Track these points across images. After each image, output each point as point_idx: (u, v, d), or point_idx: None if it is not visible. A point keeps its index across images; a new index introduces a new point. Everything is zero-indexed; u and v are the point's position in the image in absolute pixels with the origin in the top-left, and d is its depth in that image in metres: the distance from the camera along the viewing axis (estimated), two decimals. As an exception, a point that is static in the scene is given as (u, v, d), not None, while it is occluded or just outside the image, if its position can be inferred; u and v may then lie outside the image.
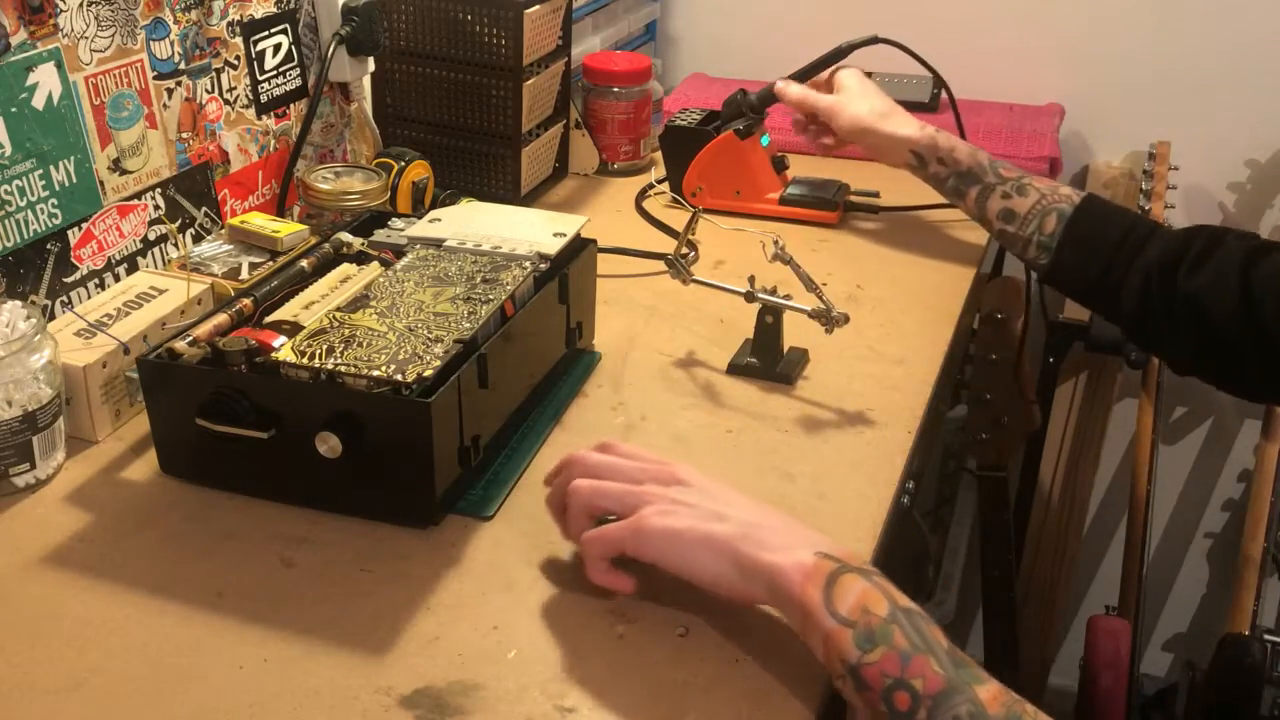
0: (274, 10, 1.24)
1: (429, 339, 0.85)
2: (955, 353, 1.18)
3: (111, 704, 0.69)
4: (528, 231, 1.03)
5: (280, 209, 1.26)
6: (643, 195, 1.46)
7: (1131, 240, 1.08)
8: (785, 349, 1.06)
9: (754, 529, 0.70)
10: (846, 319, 1.00)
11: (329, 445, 0.80)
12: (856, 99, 1.28)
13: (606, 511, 0.76)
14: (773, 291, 1.03)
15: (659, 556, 0.72)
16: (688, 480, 0.76)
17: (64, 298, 1.04)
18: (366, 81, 1.39)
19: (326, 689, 0.70)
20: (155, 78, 1.10)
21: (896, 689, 0.62)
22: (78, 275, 1.05)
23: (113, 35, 1.04)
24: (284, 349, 0.83)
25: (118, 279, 1.08)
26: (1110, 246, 1.08)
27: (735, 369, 1.06)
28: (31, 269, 1.00)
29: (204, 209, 1.18)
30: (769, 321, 1.05)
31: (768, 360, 1.05)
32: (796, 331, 1.07)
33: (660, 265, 1.26)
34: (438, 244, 1.01)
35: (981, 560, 1.52)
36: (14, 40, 0.95)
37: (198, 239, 1.17)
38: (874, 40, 1.32)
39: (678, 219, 1.37)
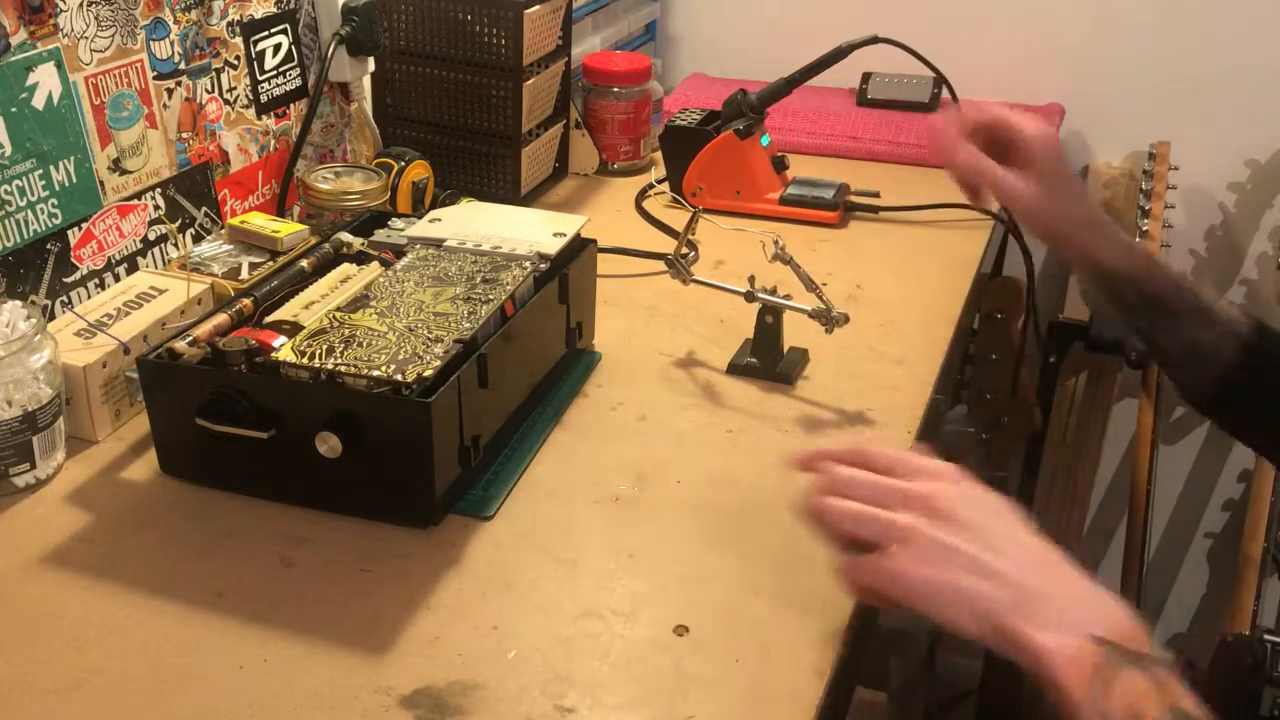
0: (274, 10, 1.24)
1: (429, 339, 0.85)
2: (955, 353, 1.18)
3: (111, 704, 0.69)
4: (528, 231, 1.03)
5: (280, 209, 1.26)
6: (643, 195, 1.46)
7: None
8: (785, 349, 1.06)
9: (1027, 597, 0.61)
10: (846, 319, 1.00)
11: (329, 445, 0.80)
12: (1056, 182, 0.97)
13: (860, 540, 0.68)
14: (773, 291, 1.03)
15: (912, 602, 0.64)
16: (955, 515, 0.65)
17: (64, 298, 1.04)
18: (366, 81, 1.39)
19: (326, 689, 0.70)
20: (155, 78, 1.10)
21: None
22: (78, 275, 1.05)
23: (113, 35, 1.04)
24: (284, 349, 0.83)
25: (118, 279, 1.08)
26: None
27: (735, 369, 1.06)
28: (31, 269, 1.00)
29: (204, 209, 1.18)
30: (769, 321, 1.05)
31: (768, 360, 1.05)
32: (796, 331, 1.07)
33: (660, 265, 1.26)
34: (438, 244, 1.01)
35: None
36: (14, 40, 0.95)
37: (198, 239, 1.17)
38: (874, 40, 1.32)
39: (678, 219, 1.37)
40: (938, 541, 0.64)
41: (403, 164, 1.26)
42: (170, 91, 1.12)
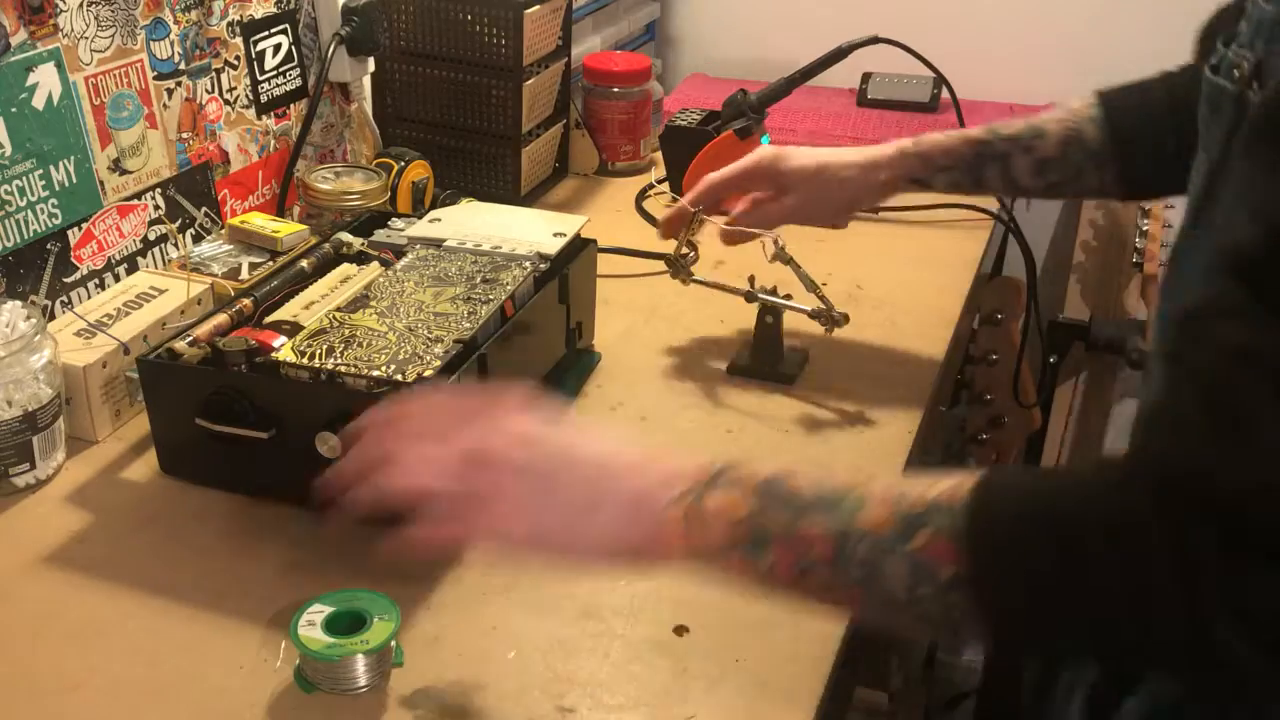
0: (274, 10, 1.24)
1: (429, 339, 0.85)
2: (955, 353, 1.18)
3: (111, 704, 0.69)
4: (528, 231, 1.03)
5: (280, 209, 1.26)
6: (643, 195, 1.46)
7: (1177, 93, 0.92)
8: (785, 349, 1.06)
9: (583, 524, 0.62)
10: (846, 319, 1.00)
11: (329, 445, 0.80)
12: (805, 183, 1.05)
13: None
14: (772, 291, 1.03)
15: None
16: (493, 463, 0.64)
17: (64, 298, 1.03)
18: (366, 81, 1.39)
19: (326, 689, 0.70)
20: (155, 78, 1.10)
21: (805, 573, 0.57)
22: (78, 275, 1.05)
23: (113, 35, 1.04)
24: (284, 349, 0.83)
25: (118, 279, 1.08)
26: (1161, 108, 0.94)
27: (735, 369, 1.06)
28: (31, 269, 1.00)
29: (204, 209, 1.18)
30: (769, 321, 1.05)
31: (768, 360, 1.05)
32: (797, 331, 1.07)
33: (660, 265, 1.26)
34: (438, 244, 1.01)
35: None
36: (14, 40, 0.95)
37: (198, 239, 1.17)
38: (874, 40, 1.31)
39: (678, 219, 1.37)
40: (490, 506, 0.63)
41: (403, 164, 1.26)
42: (170, 91, 1.12)
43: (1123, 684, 0.69)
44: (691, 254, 1.09)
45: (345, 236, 1.03)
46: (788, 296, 1.03)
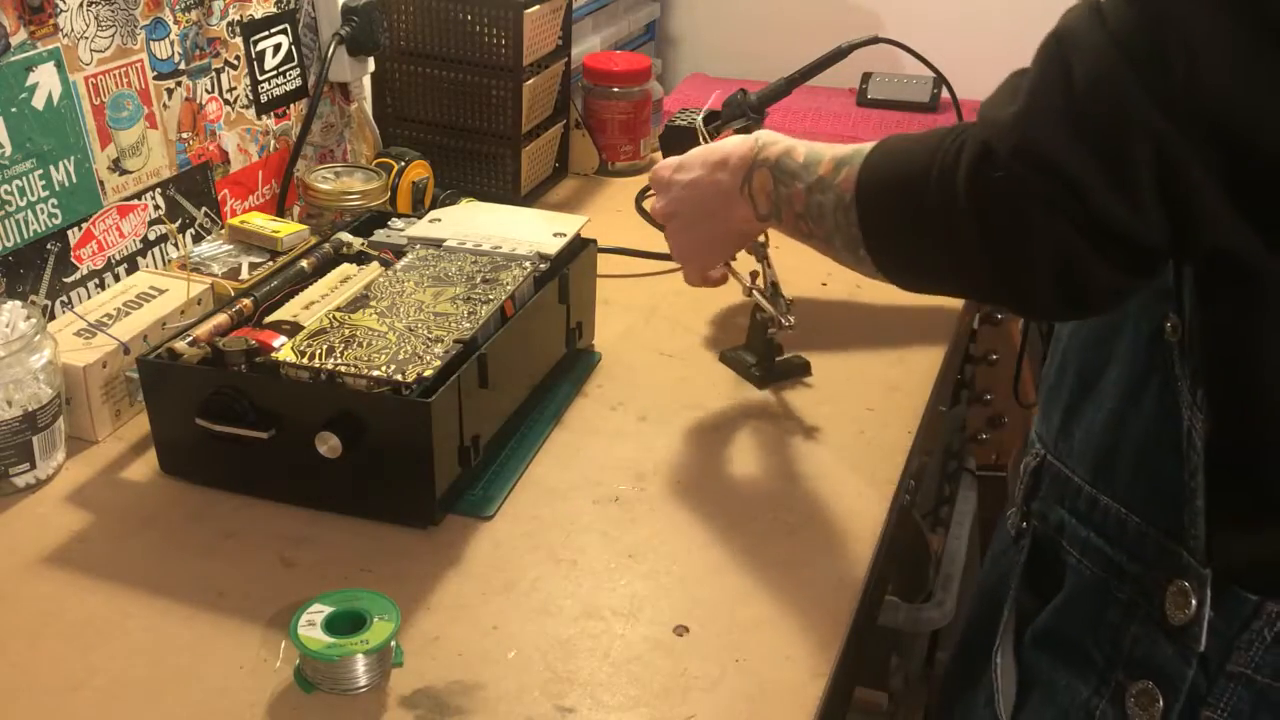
0: (274, 10, 1.24)
1: (429, 339, 0.85)
2: (955, 353, 1.18)
3: (112, 704, 0.69)
4: (528, 231, 1.03)
5: (280, 209, 1.26)
6: (643, 195, 1.46)
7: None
8: (785, 353, 1.06)
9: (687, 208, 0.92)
10: (790, 326, 1.01)
11: (329, 445, 0.80)
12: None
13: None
14: (772, 289, 1.03)
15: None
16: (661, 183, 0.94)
17: (64, 298, 1.03)
18: (366, 81, 1.39)
19: (326, 689, 0.70)
20: (155, 78, 1.10)
21: (798, 220, 0.80)
22: (78, 275, 1.05)
23: (113, 35, 1.04)
24: (284, 349, 0.83)
25: (118, 279, 1.08)
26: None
27: (729, 362, 1.06)
28: (31, 269, 1.00)
29: (204, 209, 1.18)
30: (759, 318, 1.04)
31: (761, 356, 1.05)
32: (798, 330, 1.06)
33: (660, 265, 1.26)
34: (438, 244, 1.01)
35: (981, 560, 1.52)
36: (14, 40, 0.95)
37: (198, 239, 1.17)
38: (875, 40, 1.31)
39: (678, 219, 1.37)
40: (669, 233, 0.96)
41: (403, 164, 1.26)
42: (170, 91, 1.12)
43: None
44: None
45: (345, 236, 1.03)
46: (792, 303, 1.03)
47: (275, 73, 1.25)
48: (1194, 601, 0.66)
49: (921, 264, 0.71)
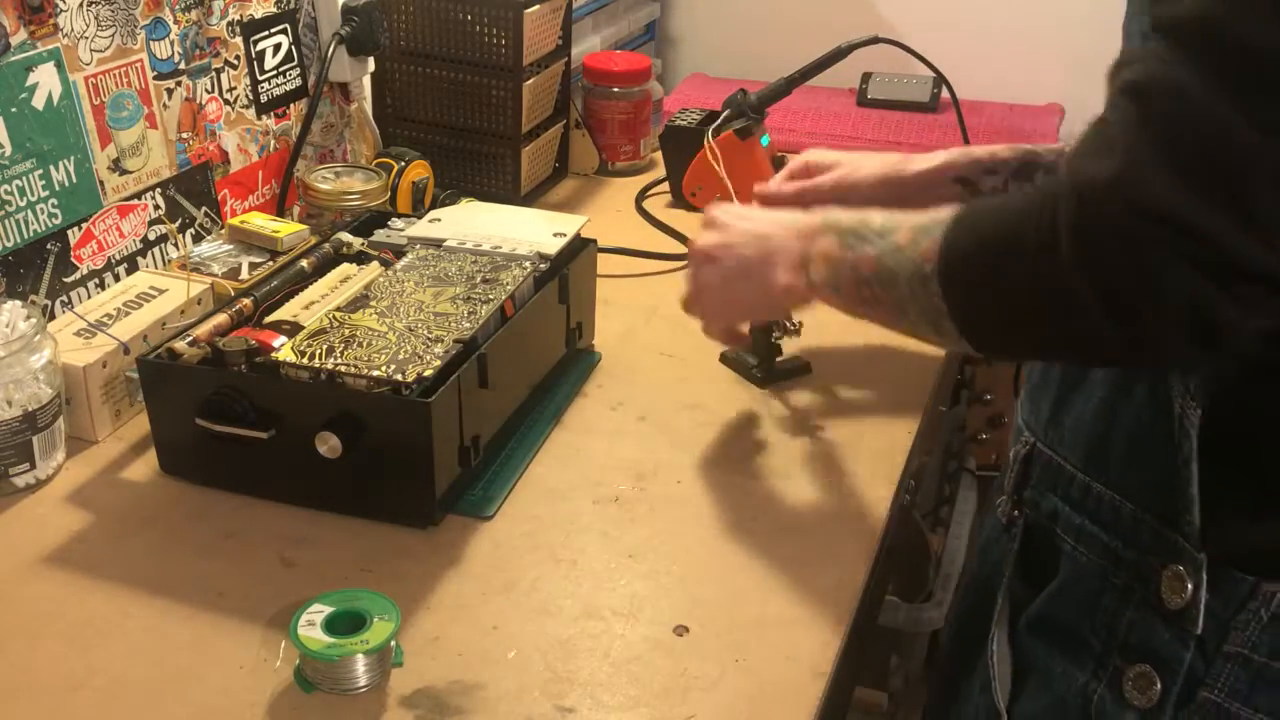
0: (274, 10, 1.24)
1: (429, 339, 0.85)
2: (955, 353, 1.18)
3: (111, 704, 0.69)
4: (528, 231, 1.03)
5: (280, 209, 1.26)
6: (643, 195, 1.46)
7: None
8: (786, 355, 1.06)
9: (737, 275, 0.85)
10: (798, 329, 1.02)
11: (329, 445, 0.80)
12: (861, 159, 1.05)
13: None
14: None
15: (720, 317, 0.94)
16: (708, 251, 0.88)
17: (64, 298, 1.03)
18: (366, 81, 1.39)
19: (326, 689, 0.70)
20: (155, 78, 1.10)
21: (861, 286, 0.75)
22: (78, 275, 1.05)
23: (113, 35, 1.04)
24: (284, 349, 0.83)
25: (118, 279, 1.08)
26: None
27: (730, 363, 1.06)
28: (31, 269, 1.00)
29: (204, 209, 1.18)
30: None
31: (763, 358, 1.05)
32: (808, 334, 1.06)
33: (660, 265, 1.27)
34: (438, 244, 1.01)
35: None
36: (14, 40, 0.95)
37: (198, 239, 1.17)
38: (874, 40, 1.31)
39: (678, 219, 1.37)
40: (699, 286, 0.89)
41: (403, 164, 1.26)
42: (170, 91, 1.12)
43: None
44: None
45: (345, 236, 1.03)
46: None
47: (275, 73, 1.25)
48: (1190, 586, 0.66)
49: (1023, 333, 0.67)
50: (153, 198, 1.12)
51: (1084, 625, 0.73)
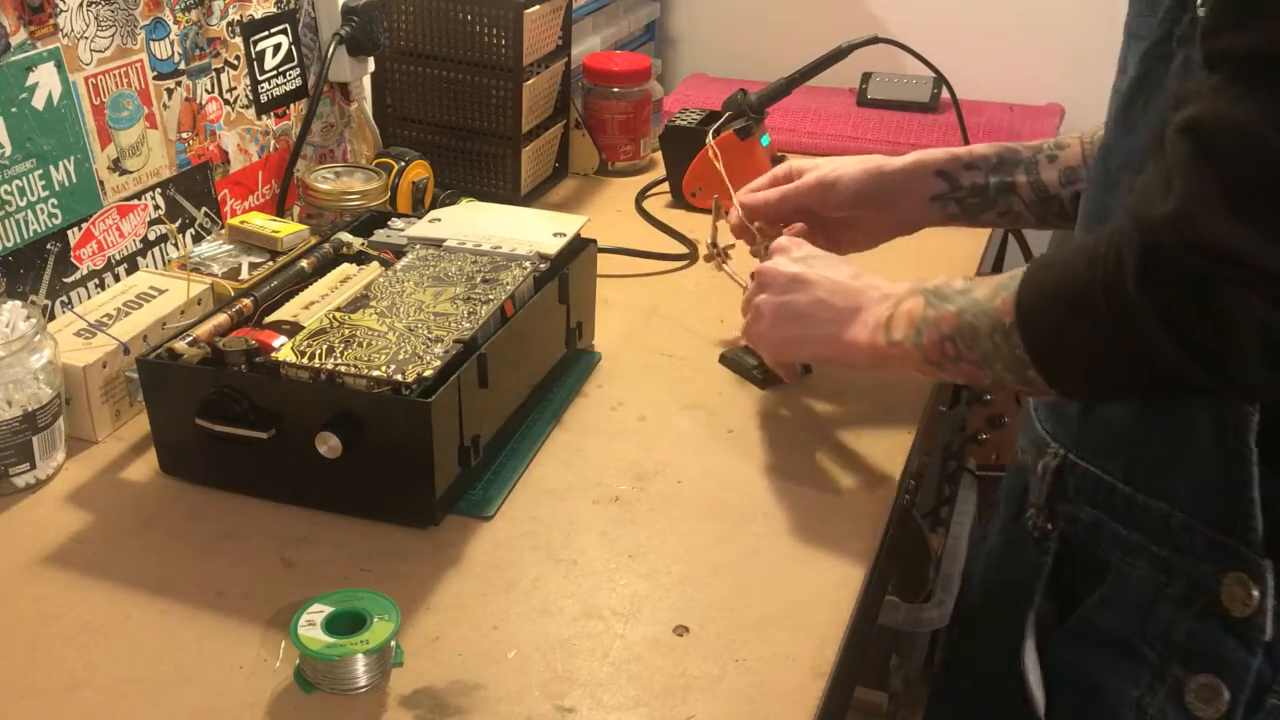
0: (274, 10, 1.24)
1: (429, 339, 0.85)
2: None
3: (111, 704, 0.69)
4: (528, 231, 1.03)
5: (280, 209, 1.26)
6: (643, 195, 1.46)
7: None
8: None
9: (831, 322, 0.85)
10: None
11: (329, 445, 0.80)
12: (839, 163, 1.03)
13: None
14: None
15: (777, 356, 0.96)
16: (773, 283, 0.89)
17: (64, 298, 1.03)
18: (366, 81, 1.39)
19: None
20: (155, 78, 1.10)
21: (943, 343, 0.75)
22: (78, 275, 1.05)
23: (113, 35, 1.04)
24: (284, 349, 0.83)
25: (118, 279, 1.08)
26: None
27: (730, 363, 1.06)
28: (31, 269, 1.00)
29: (204, 209, 1.18)
30: None
31: (754, 357, 1.05)
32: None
33: (660, 265, 1.27)
34: (438, 244, 1.01)
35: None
36: (14, 40, 0.95)
37: (198, 239, 1.17)
38: (874, 40, 1.32)
39: (678, 219, 1.37)
40: (764, 312, 0.89)
41: (403, 164, 1.26)
42: (170, 91, 1.12)
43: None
44: (734, 245, 1.10)
45: (345, 236, 1.03)
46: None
47: (275, 73, 1.25)
48: (1255, 593, 0.66)
49: (1107, 379, 0.68)
50: (153, 198, 1.12)
51: (1136, 637, 0.72)
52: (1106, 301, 0.63)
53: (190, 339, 0.86)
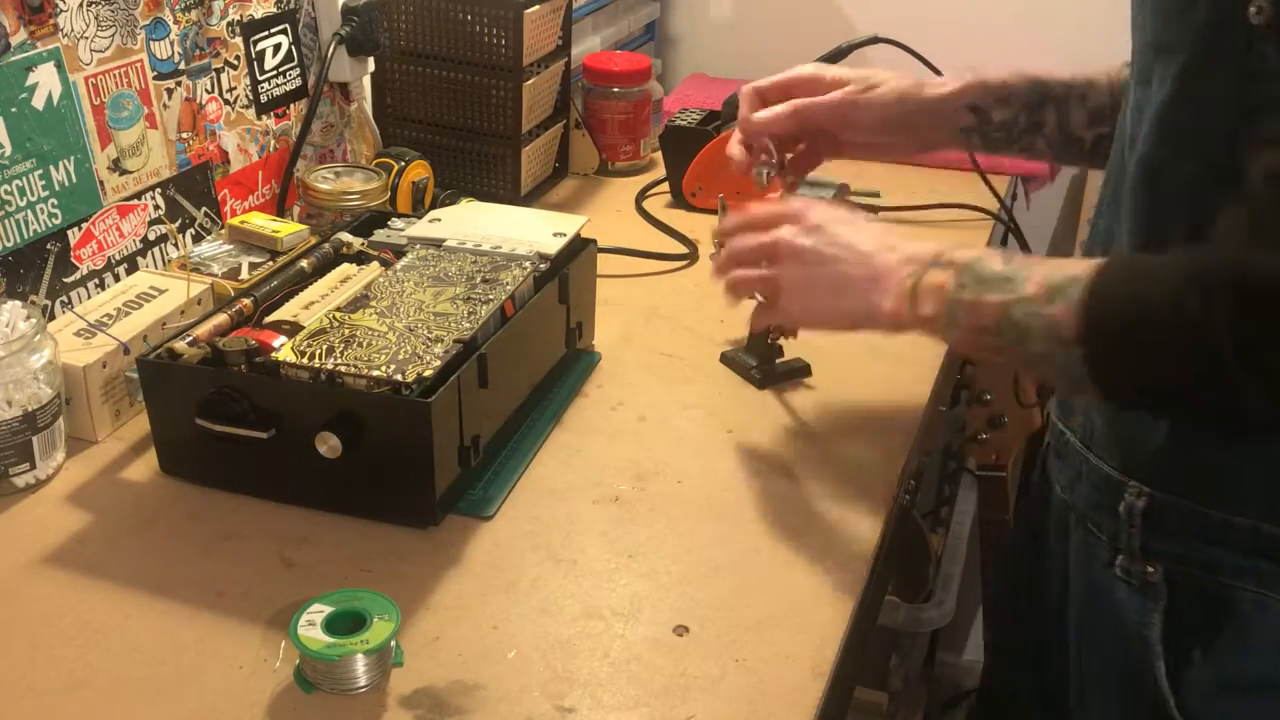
0: (274, 10, 1.24)
1: (429, 339, 0.85)
2: (955, 353, 1.18)
3: (111, 704, 0.69)
4: (528, 231, 1.03)
5: (280, 209, 1.26)
6: (643, 195, 1.46)
7: None
8: (786, 356, 1.06)
9: (840, 301, 0.80)
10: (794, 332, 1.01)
11: (329, 445, 0.80)
12: (869, 79, 0.95)
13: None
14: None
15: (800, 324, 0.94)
16: (802, 249, 0.82)
17: (64, 298, 1.03)
18: (366, 81, 1.39)
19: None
20: (155, 78, 1.10)
21: (981, 332, 0.71)
22: (78, 275, 1.05)
23: (113, 35, 1.04)
24: (284, 349, 0.83)
25: (118, 279, 1.08)
26: None
27: (730, 363, 1.06)
28: (31, 269, 1.00)
29: (204, 209, 1.18)
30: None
31: (761, 357, 1.05)
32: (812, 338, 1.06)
33: (660, 265, 1.27)
34: (438, 244, 1.01)
35: (981, 560, 1.52)
36: (14, 40, 0.95)
37: (198, 239, 1.17)
38: (874, 40, 1.31)
39: (678, 219, 1.37)
40: (783, 286, 0.83)
41: (403, 164, 1.26)
42: (170, 91, 1.12)
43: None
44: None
45: (345, 236, 1.03)
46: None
47: (275, 73, 1.25)
48: None
49: (1177, 406, 0.68)
50: (153, 198, 1.12)
51: None
52: (1194, 346, 0.62)
53: (190, 339, 0.86)
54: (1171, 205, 0.69)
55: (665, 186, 1.45)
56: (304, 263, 0.99)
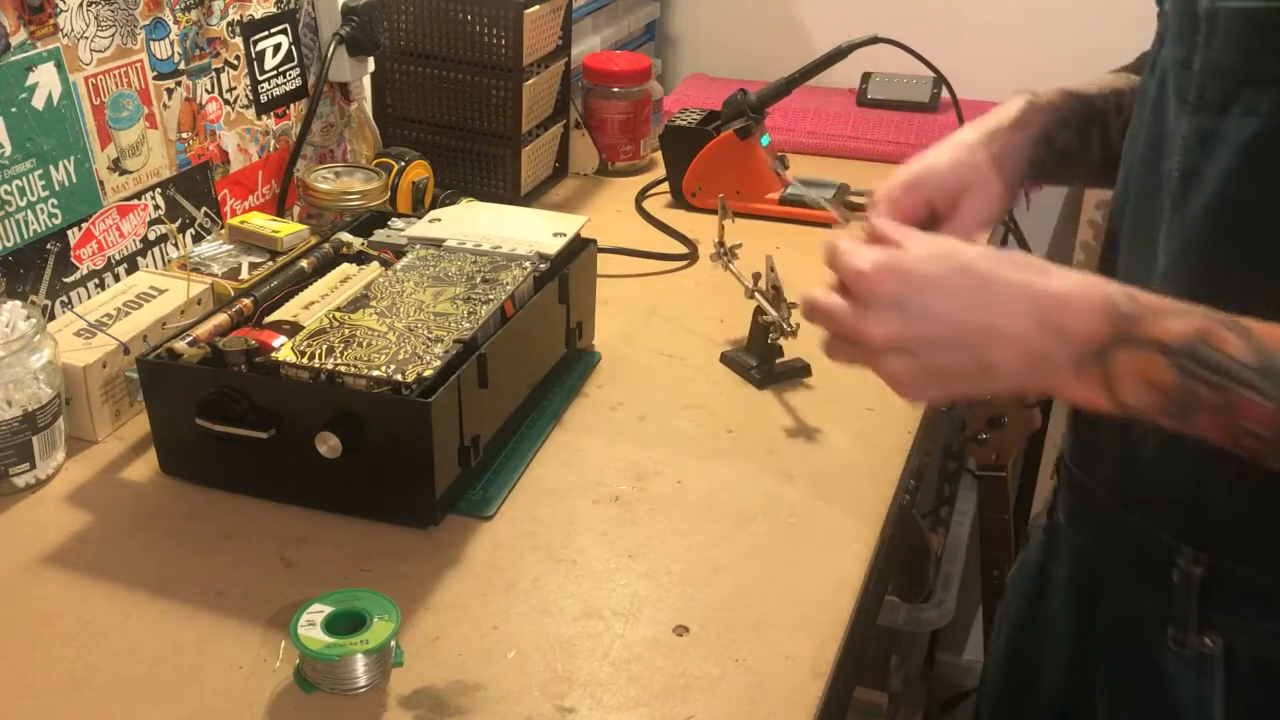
0: (274, 10, 1.24)
1: (429, 339, 0.85)
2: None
3: (111, 704, 0.69)
4: (528, 231, 1.03)
5: (280, 209, 1.26)
6: (643, 195, 1.46)
7: None
8: (787, 356, 1.06)
9: (987, 383, 0.63)
10: (795, 332, 1.00)
11: (329, 445, 0.80)
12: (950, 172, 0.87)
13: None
14: (774, 290, 1.03)
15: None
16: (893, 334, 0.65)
17: (64, 298, 1.03)
18: (366, 81, 1.39)
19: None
20: (155, 78, 1.10)
21: (1240, 435, 0.57)
22: (78, 275, 1.05)
23: (113, 35, 1.04)
24: (284, 349, 0.83)
25: (118, 279, 1.08)
26: None
27: (730, 363, 1.06)
28: (31, 269, 1.00)
29: (204, 209, 1.18)
30: (761, 320, 1.04)
31: (761, 357, 1.05)
32: (800, 331, 1.06)
33: (660, 265, 1.27)
34: (438, 244, 1.01)
35: (981, 560, 1.52)
36: (14, 40, 0.95)
37: (198, 239, 1.17)
38: (874, 40, 1.32)
39: (678, 219, 1.37)
40: (916, 377, 0.65)
41: (403, 164, 1.26)
42: (170, 91, 1.12)
43: None
44: (738, 245, 1.10)
45: (345, 236, 1.03)
46: (794, 306, 1.03)
47: (275, 73, 1.25)
48: None
49: None
50: (153, 198, 1.12)
51: None
52: None
53: (190, 339, 0.86)
54: (1254, 247, 0.62)
55: (665, 186, 1.45)
56: (304, 263, 0.99)
